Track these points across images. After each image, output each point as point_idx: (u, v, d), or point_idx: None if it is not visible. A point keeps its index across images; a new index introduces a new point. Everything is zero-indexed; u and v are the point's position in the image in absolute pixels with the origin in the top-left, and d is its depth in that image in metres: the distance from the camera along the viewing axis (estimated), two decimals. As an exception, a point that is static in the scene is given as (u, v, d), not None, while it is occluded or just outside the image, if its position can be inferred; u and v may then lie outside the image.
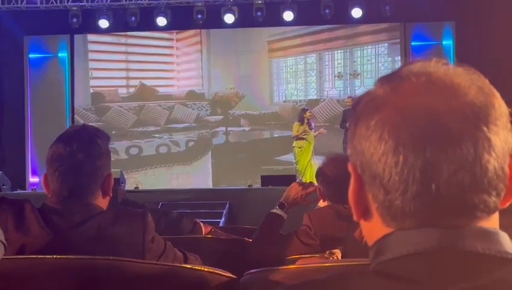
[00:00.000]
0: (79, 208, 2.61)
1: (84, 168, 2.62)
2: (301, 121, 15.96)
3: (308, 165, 15.82)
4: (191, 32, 19.03)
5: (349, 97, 16.59)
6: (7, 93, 18.89)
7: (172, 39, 19.22)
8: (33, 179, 18.29)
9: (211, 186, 17.53)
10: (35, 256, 2.45)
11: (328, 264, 2.71)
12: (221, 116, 18.96)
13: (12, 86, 18.85)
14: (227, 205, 12.94)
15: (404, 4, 17.03)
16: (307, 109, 16.17)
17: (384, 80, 1.16)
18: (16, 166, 17.96)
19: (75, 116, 19.11)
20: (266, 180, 13.86)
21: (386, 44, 18.75)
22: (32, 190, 16.15)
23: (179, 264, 2.69)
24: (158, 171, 18.79)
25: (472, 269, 1.06)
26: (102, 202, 2.68)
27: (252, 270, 2.58)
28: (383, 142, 1.09)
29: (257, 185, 14.38)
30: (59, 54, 19.15)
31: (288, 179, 13.42)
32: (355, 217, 1.20)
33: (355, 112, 1.17)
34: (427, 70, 1.13)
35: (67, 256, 2.40)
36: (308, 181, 4.35)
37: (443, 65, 1.14)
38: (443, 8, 16.82)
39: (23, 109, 19.03)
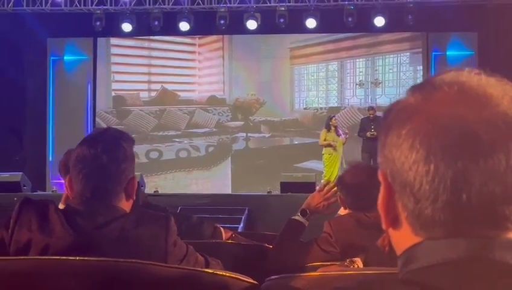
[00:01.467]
0: (102, 209, 2.62)
1: (108, 170, 2.63)
2: (328, 128, 16.02)
3: (338, 173, 15.85)
4: (214, 37, 19.09)
5: (370, 107, 16.54)
6: (30, 95, 18.99)
7: (194, 44, 19.27)
8: (53, 181, 18.34)
9: (230, 192, 17.52)
10: (59, 257, 2.45)
11: (350, 272, 2.70)
12: (242, 122, 18.98)
13: (34, 88, 18.95)
14: (246, 211, 12.94)
15: (427, 14, 16.99)
16: (333, 116, 16.24)
17: (416, 89, 1.16)
18: (37, 167, 18.05)
19: (97, 118, 19.17)
20: (285, 186, 13.83)
21: (408, 53, 18.74)
22: (52, 191, 16.18)
23: (201, 269, 2.69)
24: (177, 176, 18.82)
25: (501, 281, 1.05)
26: (126, 205, 2.69)
27: (273, 277, 2.58)
28: (414, 151, 1.09)
29: (276, 191, 14.35)
30: (82, 57, 19.23)
31: (307, 186, 13.43)
32: (384, 226, 1.20)
33: (386, 121, 1.17)
34: (460, 80, 1.13)
35: (89, 258, 2.41)
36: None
37: (476, 75, 1.13)
38: (466, 19, 16.76)
39: (45, 110, 19.13)
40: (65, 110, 19.08)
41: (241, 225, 12.20)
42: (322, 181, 15.84)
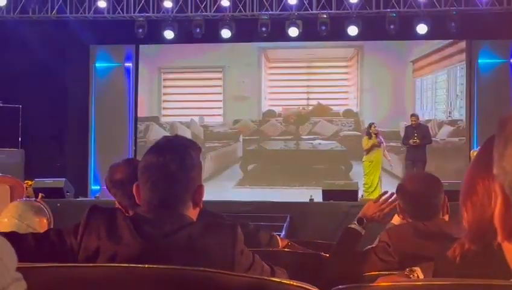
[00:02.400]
0: (170, 217, 2.62)
1: (176, 178, 2.62)
2: (368, 135, 16.00)
3: (378, 181, 15.84)
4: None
5: (412, 114, 16.47)
6: (72, 101, 19.15)
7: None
8: (95, 187, 18.48)
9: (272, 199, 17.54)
10: (127, 265, 2.45)
11: (423, 283, 2.67)
12: (292, 128, 19.18)
13: (77, 95, 19.11)
14: (288, 218, 12.92)
15: (470, 21, 16.88)
16: (373, 123, 16.20)
17: None
18: (78, 173, 18.17)
19: (138, 125, 19.27)
20: (327, 194, 13.80)
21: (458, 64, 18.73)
22: (95, 197, 16.29)
23: (267, 277, 2.68)
24: (219, 182, 18.81)
25: None
26: (193, 213, 2.69)
27: (340, 286, 2.56)
28: None
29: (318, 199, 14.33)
30: (124, 64, 19.35)
31: (350, 194, 13.41)
32: (499, 238, 1.17)
33: (503, 133, 1.14)
34: None
35: (157, 266, 2.40)
36: (376, 196, 4.32)
37: None
38: (510, 25, 16.61)
39: (87, 117, 19.27)
40: (107, 116, 19.21)
41: (283, 232, 12.18)
42: (362, 189, 15.84)
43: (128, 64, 19.44)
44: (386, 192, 4.06)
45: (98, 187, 18.13)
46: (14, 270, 1.28)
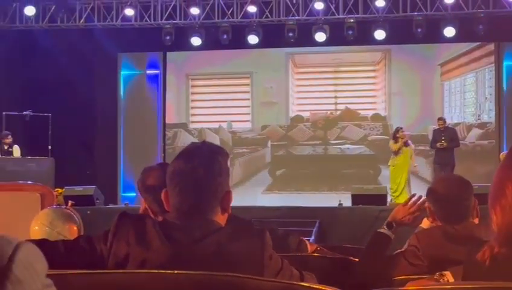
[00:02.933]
0: (199, 223, 2.62)
1: (204, 184, 2.64)
2: (395, 139, 15.95)
3: (405, 184, 15.77)
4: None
5: (439, 118, 16.39)
6: (100, 109, 19.26)
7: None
8: (124, 194, 18.55)
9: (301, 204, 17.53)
10: (156, 270, 2.46)
11: (452, 287, 2.67)
12: (320, 133, 19.21)
13: (105, 102, 19.21)
14: (317, 223, 12.90)
15: (498, 23, 16.79)
16: (401, 128, 16.15)
17: None
18: (108, 181, 18.25)
19: (167, 132, 19.33)
20: (356, 199, 13.78)
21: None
22: (125, 204, 16.35)
23: (296, 282, 2.68)
24: (248, 188, 18.83)
25: None
26: (221, 219, 2.69)
27: (374, 290, 2.56)
28: None
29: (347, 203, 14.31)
30: (151, 71, 19.44)
31: (379, 199, 13.38)
32: None
33: None
34: None
35: (187, 271, 2.41)
36: (403, 201, 4.30)
37: None
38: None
39: (116, 124, 19.36)
40: (135, 124, 19.30)
41: (312, 237, 12.16)
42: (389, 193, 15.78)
43: (156, 72, 19.52)
44: (414, 195, 4.05)
45: (129, 194, 18.22)
46: (45, 276, 1.30)
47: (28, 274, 1.23)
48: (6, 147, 16.35)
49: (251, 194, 18.20)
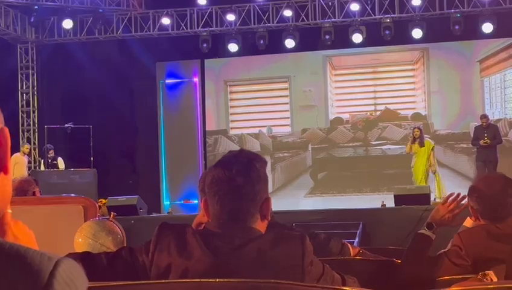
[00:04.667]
0: (239, 231, 2.63)
1: (243, 191, 2.64)
2: (411, 139, 15.92)
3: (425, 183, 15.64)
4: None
5: (482, 115, 16.23)
6: (141, 119, 19.38)
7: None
8: (167, 202, 18.64)
9: (344, 207, 17.49)
10: (198, 279, 2.48)
11: (494, 286, 2.65)
12: (360, 135, 19.16)
13: (145, 112, 19.33)
14: (361, 225, 12.83)
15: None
16: (416, 127, 16.15)
17: None
18: (151, 189, 18.35)
19: (207, 139, 19.39)
20: (399, 199, 13.68)
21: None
22: (168, 212, 16.42)
23: (338, 287, 2.68)
24: (290, 192, 18.82)
25: None
26: (261, 226, 2.70)
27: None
28: None
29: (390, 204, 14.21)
30: (190, 79, 19.52)
31: (422, 198, 13.26)
32: None
33: None
34: None
35: (229, 279, 2.42)
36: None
37: None
38: None
39: (157, 133, 19.47)
40: (176, 132, 19.38)
41: (357, 239, 12.10)
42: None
43: (194, 79, 19.60)
44: (452, 193, 4.01)
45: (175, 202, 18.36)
46: None
47: (69, 290, 1.24)
48: (50, 160, 16.52)
49: (293, 198, 18.15)
